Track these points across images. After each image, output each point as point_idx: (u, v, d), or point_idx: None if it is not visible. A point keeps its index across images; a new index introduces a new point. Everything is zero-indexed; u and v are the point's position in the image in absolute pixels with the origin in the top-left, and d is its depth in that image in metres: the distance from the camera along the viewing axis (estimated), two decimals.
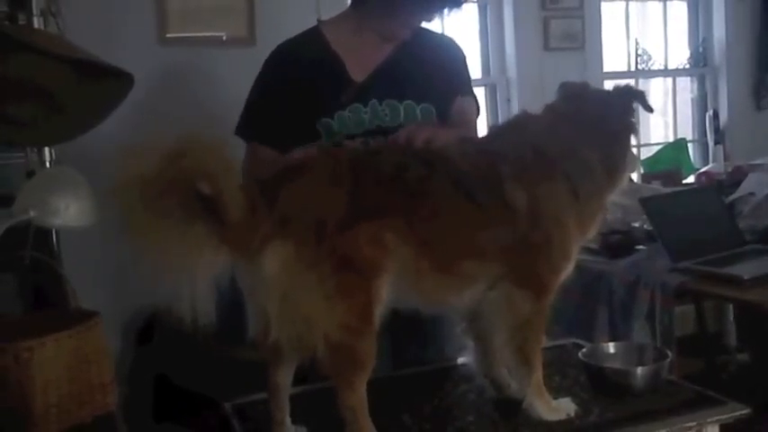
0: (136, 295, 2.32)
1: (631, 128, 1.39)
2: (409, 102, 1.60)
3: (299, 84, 1.57)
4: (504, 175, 1.26)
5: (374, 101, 1.58)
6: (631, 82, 3.88)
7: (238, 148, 1.59)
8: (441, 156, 1.30)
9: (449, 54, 1.69)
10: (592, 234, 1.39)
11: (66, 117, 1.72)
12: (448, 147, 1.32)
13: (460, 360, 1.61)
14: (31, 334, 1.28)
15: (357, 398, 1.20)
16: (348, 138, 1.56)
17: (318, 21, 1.69)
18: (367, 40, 1.60)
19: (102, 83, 1.75)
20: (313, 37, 1.66)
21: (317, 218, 1.17)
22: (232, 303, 1.18)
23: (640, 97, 1.40)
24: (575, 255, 1.34)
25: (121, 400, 1.45)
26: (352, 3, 1.62)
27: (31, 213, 1.41)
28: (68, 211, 1.45)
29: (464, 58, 1.73)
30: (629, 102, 1.39)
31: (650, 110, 1.41)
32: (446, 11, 1.57)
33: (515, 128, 1.37)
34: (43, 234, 1.66)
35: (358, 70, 1.60)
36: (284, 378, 1.30)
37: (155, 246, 1.07)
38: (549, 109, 1.39)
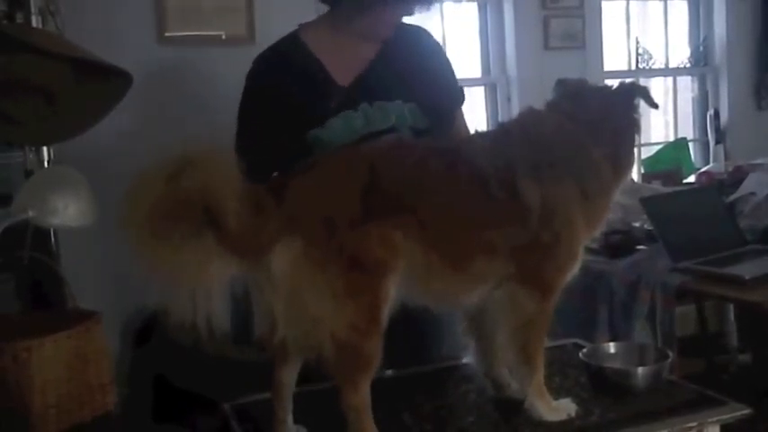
0: (135, 295, 2.31)
1: (635, 124, 1.38)
2: (398, 102, 1.58)
3: (282, 99, 1.54)
4: (518, 173, 1.27)
5: (365, 104, 1.56)
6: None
7: None
8: (462, 151, 1.30)
9: (432, 54, 1.65)
10: (597, 233, 1.39)
11: (64, 116, 1.72)
12: (470, 141, 1.32)
13: (461, 360, 1.61)
14: (30, 334, 1.28)
15: (360, 398, 1.20)
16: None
17: (299, 25, 1.66)
18: (347, 43, 1.57)
19: (101, 82, 1.75)
20: (293, 44, 1.62)
21: (326, 215, 1.17)
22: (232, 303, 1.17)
23: (644, 93, 1.39)
24: (581, 254, 1.34)
25: (121, 401, 1.44)
26: (329, 6, 1.59)
27: (30, 213, 1.41)
28: (67, 211, 1.44)
29: (445, 55, 1.68)
30: (631, 98, 1.38)
31: (655, 106, 1.40)
32: (424, 6, 1.54)
33: (524, 126, 1.36)
34: (42, 234, 1.65)
35: (342, 75, 1.57)
36: (288, 376, 1.30)
37: (167, 264, 1.07)
38: (554, 107, 1.38)
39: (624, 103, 1.38)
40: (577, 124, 1.33)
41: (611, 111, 1.36)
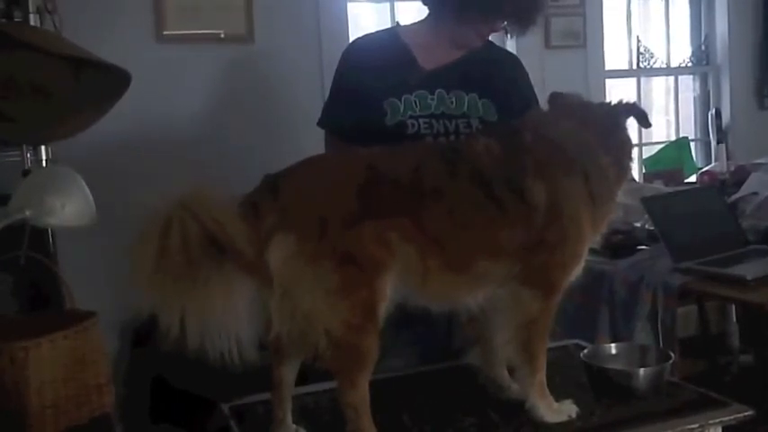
0: (133, 296, 2.29)
1: (630, 140, 1.43)
2: (473, 94, 1.65)
3: (369, 69, 1.63)
4: (527, 169, 1.27)
5: (441, 90, 1.63)
6: (633, 80, 3.87)
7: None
8: (465, 152, 1.30)
9: (518, 70, 1.77)
10: (599, 236, 1.41)
11: (62, 115, 1.71)
12: (474, 142, 1.33)
13: (461, 360, 1.60)
14: (27, 334, 1.27)
15: (359, 395, 1.20)
16: (412, 118, 1.61)
17: (396, 24, 1.83)
18: (440, 44, 1.66)
19: (100, 80, 1.73)
20: (387, 32, 1.77)
21: (320, 214, 1.17)
22: None
23: (640, 113, 1.42)
24: (585, 256, 1.35)
25: (118, 402, 1.44)
26: (429, 11, 1.68)
27: (27, 213, 1.40)
28: (64, 211, 1.44)
29: (526, 72, 1.79)
30: (629, 116, 1.42)
31: (648, 125, 1.44)
32: (517, 23, 1.61)
33: (536, 126, 1.37)
34: (39, 234, 1.65)
35: (427, 61, 1.66)
36: (288, 374, 1.30)
37: (196, 302, 1.08)
38: (567, 113, 1.39)
39: (623, 119, 1.41)
40: (589, 131, 1.35)
41: (616, 123, 1.40)
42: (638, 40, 3.87)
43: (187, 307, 1.07)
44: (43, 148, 1.89)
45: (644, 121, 1.42)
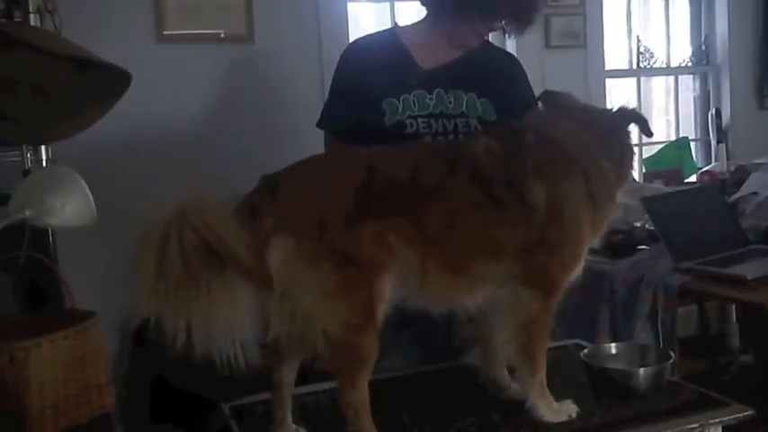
0: (134, 299, 2.28)
1: (632, 146, 1.43)
2: (472, 94, 1.66)
3: (368, 69, 1.64)
4: (527, 170, 1.27)
5: (440, 90, 1.64)
6: (633, 80, 3.87)
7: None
8: (466, 153, 1.30)
9: (516, 69, 1.78)
10: (598, 237, 1.41)
11: (62, 115, 1.71)
12: (474, 142, 1.33)
13: (461, 360, 1.60)
14: (27, 334, 1.27)
15: (359, 396, 1.20)
16: (411, 118, 1.62)
17: (395, 25, 1.84)
18: (438, 44, 1.66)
19: (99, 80, 1.73)
20: (386, 32, 1.79)
21: (319, 214, 1.17)
22: None
23: (642, 121, 1.43)
24: (585, 256, 1.35)
25: (118, 402, 1.44)
26: (427, 11, 1.69)
27: (27, 213, 1.40)
28: (64, 211, 1.44)
29: (524, 71, 1.80)
30: (630, 122, 1.42)
31: (650, 134, 1.44)
32: (515, 23, 1.62)
33: (536, 126, 1.37)
34: (39, 233, 1.65)
35: (425, 61, 1.67)
36: (287, 375, 1.30)
37: (201, 311, 1.07)
38: (567, 114, 1.39)
39: (625, 124, 1.42)
40: (589, 132, 1.35)
41: (618, 126, 1.40)
42: (638, 40, 3.87)
43: (191, 314, 1.07)
44: (43, 148, 1.89)
45: (645, 129, 1.42)
